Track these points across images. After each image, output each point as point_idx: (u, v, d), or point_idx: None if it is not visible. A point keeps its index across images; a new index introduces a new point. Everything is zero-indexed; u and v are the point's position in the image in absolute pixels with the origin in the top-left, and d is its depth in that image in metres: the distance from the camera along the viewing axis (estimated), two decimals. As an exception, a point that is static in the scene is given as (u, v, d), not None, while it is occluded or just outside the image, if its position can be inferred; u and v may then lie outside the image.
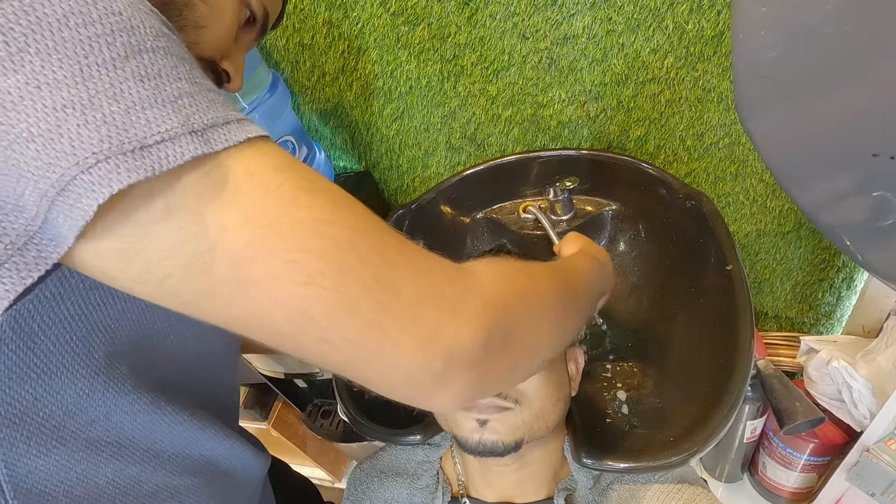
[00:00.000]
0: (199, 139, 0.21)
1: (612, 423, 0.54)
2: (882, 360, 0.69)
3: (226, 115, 0.22)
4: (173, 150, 0.20)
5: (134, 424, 0.32)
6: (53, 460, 0.29)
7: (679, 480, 0.48)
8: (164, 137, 0.20)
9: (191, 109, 0.21)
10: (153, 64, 0.21)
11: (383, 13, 0.68)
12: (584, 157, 0.72)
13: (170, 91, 0.21)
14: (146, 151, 0.19)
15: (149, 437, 0.33)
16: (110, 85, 0.20)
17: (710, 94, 0.68)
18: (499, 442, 0.43)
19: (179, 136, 0.20)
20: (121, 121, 0.19)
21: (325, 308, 0.22)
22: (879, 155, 0.23)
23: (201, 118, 0.21)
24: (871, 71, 0.23)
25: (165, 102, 0.21)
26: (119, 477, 0.32)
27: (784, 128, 0.28)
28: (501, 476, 0.49)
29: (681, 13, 0.62)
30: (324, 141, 0.86)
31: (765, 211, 0.77)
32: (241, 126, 0.23)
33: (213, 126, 0.22)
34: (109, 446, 0.31)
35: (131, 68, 0.20)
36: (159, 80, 0.21)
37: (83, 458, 0.30)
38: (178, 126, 0.21)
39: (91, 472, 0.31)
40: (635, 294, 0.67)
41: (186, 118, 0.21)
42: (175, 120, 0.21)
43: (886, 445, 0.65)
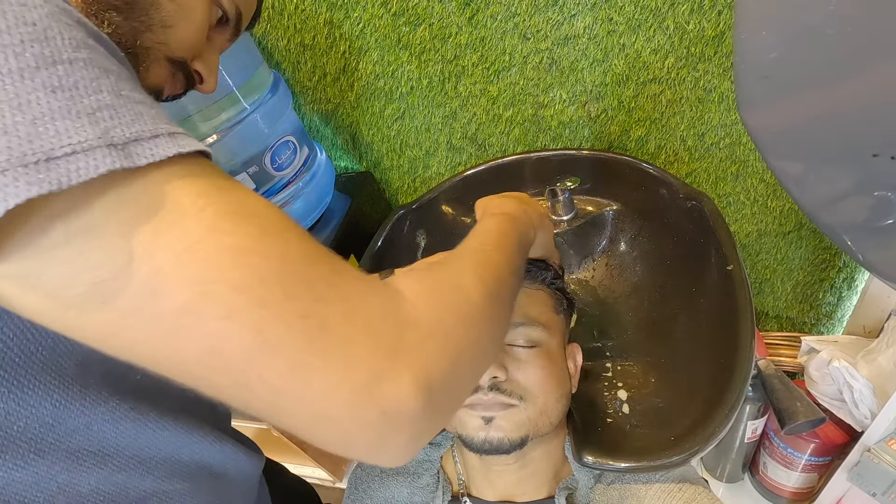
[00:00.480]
0: (118, 152, 0.19)
1: (612, 422, 0.54)
2: (883, 360, 0.69)
3: (154, 128, 0.21)
4: (85, 162, 0.18)
5: (117, 432, 0.31)
6: (32, 472, 0.27)
7: (680, 480, 0.48)
8: (75, 149, 0.18)
9: (111, 122, 0.20)
10: (69, 75, 0.20)
11: (384, 14, 0.68)
12: (585, 158, 0.72)
13: (87, 103, 0.20)
14: (52, 164, 0.18)
15: (133, 445, 0.32)
16: (15, 95, 0.18)
17: (711, 94, 0.68)
18: (504, 439, 0.44)
19: (94, 149, 0.19)
20: (25, 131, 0.18)
21: (242, 348, 0.20)
22: (880, 155, 0.23)
23: (123, 131, 0.20)
24: (871, 72, 0.23)
25: (80, 114, 0.19)
26: (104, 485, 0.31)
27: (785, 128, 0.28)
28: (502, 475, 0.49)
29: (682, 13, 0.62)
30: (325, 141, 0.86)
31: (766, 211, 0.78)
32: (172, 140, 0.21)
33: (136, 140, 0.20)
34: (92, 455, 0.30)
35: (42, 79, 0.19)
36: (75, 91, 0.19)
37: (64, 469, 0.29)
38: (93, 138, 0.19)
39: (73, 481, 0.29)
40: (636, 294, 0.67)
41: (105, 131, 0.19)
42: (90, 132, 0.19)
43: (887, 445, 0.65)
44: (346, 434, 0.21)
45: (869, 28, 0.22)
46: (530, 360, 0.46)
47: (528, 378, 0.45)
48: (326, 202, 0.77)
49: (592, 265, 0.73)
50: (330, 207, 0.78)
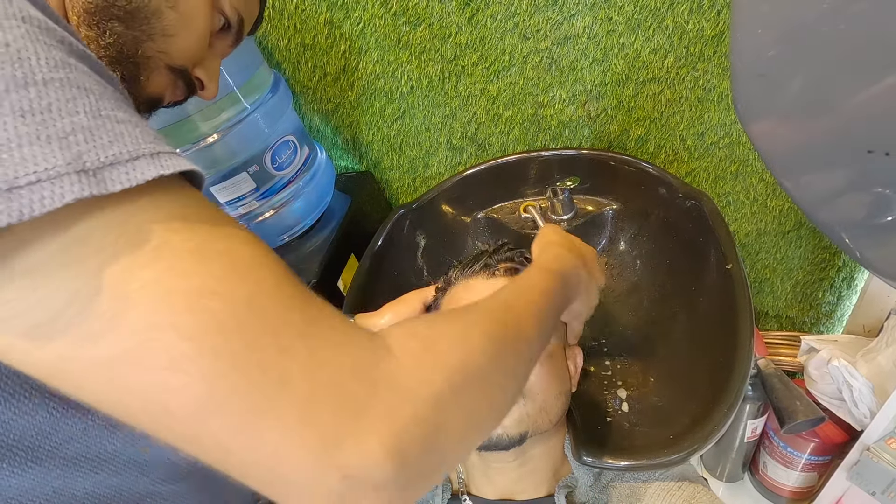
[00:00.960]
0: (88, 179, 0.18)
1: (612, 421, 0.54)
2: (882, 359, 0.69)
3: (135, 149, 0.20)
4: (50, 191, 0.17)
5: (114, 438, 0.30)
6: (28, 478, 0.27)
7: (679, 478, 0.48)
8: (40, 178, 0.17)
9: (85, 146, 0.19)
10: (41, 97, 0.19)
11: (384, 13, 0.68)
12: (585, 157, 0.72)
13: (59, 126, 0.18)
14: (14, 193, 0.17)
15: (129, 449, 0.31)
16: None
17: (711, 93, 0.68)
18: (504, 435, 0.44)
19: (62, 176, 0.18)
20: None
21: (189, 401, 0.18)
22: (874, 151, 0.23)
23: (98, 155, 0.19)
24: (865, 69, 0.23)
25: (51, 139, 0.18)
26: (99, 488, 0.30)
27: (781, 125, 0.28)
28: (502, 473, 0.49)
29: (681, 13, 0.62)
30: (325, 141, 0.86)
31: (765, 210, 0.78)
32: (153, 162, 0.20)
33: (112, 164, 0.19)
34: (88, 461, 0.29)
35: (10, 102, 0.18)
36: (47, 114, 0.18)
37: (60, 475, 0.28)
38: (62, 164, 0.18)
39: (69, 486, 0.29)
40: (636, 293, 0.67)
41: (77, 156, 0.18)
42: (59, 157, 0.18)
43: (887, 444, 0.65)
44: (302, 498, 0.20)
45: (863, 25, 0.23)
46: None
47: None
48: (326, 202, 0.77)
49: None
50: (330, 207, 0.78)
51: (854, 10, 0.22)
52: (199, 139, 0.61)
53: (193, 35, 0.36)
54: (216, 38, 0.40)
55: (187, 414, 0.18)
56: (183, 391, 0.18)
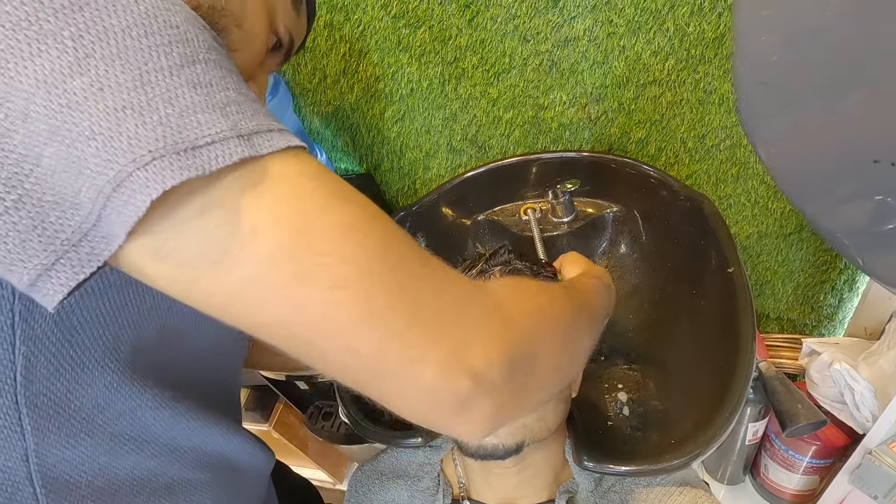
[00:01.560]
0: (245, 143, 0.22)
1: (613, 425, 0.54)
2: (884, 362, 0.69)
3: (269, 124, 0.24)
4: (222, 151, 0.21)
5: (156, 420, 0.33)
6: (80, 452, 0.30)
7: (681, 483, 0.48)
8: (214, 139, 0.21)
9: (238, 116, 0.22)
10: (205, 73, 0.22)
11: (384, 16, 0.68)
12: (586, 160, 0.72)
13: (219, 98, 0.22)
14: (198, 152, 0.21)
15: (168, 433, 0.34)
16: (166, 90, 0.21)
17: (712, 96, 0.68)
18: (499, 445, 0.44)
19: (228, 140, 0.21)
20: (175, 123, 0.21)
21: (352, 313, 0.22)
22: (881, 161, 0.23)
23: (247, 124, 0.22)
24: (871, 76, 0.23)
25: (215, 108, 0.22)
26: (137, 469, 0.33)
27: (785, 132, 0.28)
28: (502, 478, 0.49)
29: (681, 15, 0.62)
30: (325, 143, 0.86)
31: (766, 213, 0.77)
32: (282, 135, 0.24)
33: (257, 132, 0.23)
34: (132, 440, 0.32)
35: (186, 76, 0.22)
36: (210, 88, 0.22)
37: (107, 451, 0.31)
38: (226, 130, 0.22)
39: (113, 463, 0.32)
40: (637, 296, 0.67)
41: (234, 123, 0.22)
42: (224, 124, 0.22)
43: (889, 448, 0.65)
44: (435, 399, 0.23)
45: (867, 32, 0.22)
46: None
47: None
48: (327, 204, 0.77)
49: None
50: (330, 209, 0.78)
51: (858, 17, 0.22)
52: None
53: (252, 52, 0.38)
54: (268, 56, 0.42)
55: (351, 324, 0.22)
56: (348, 305, 0.21)
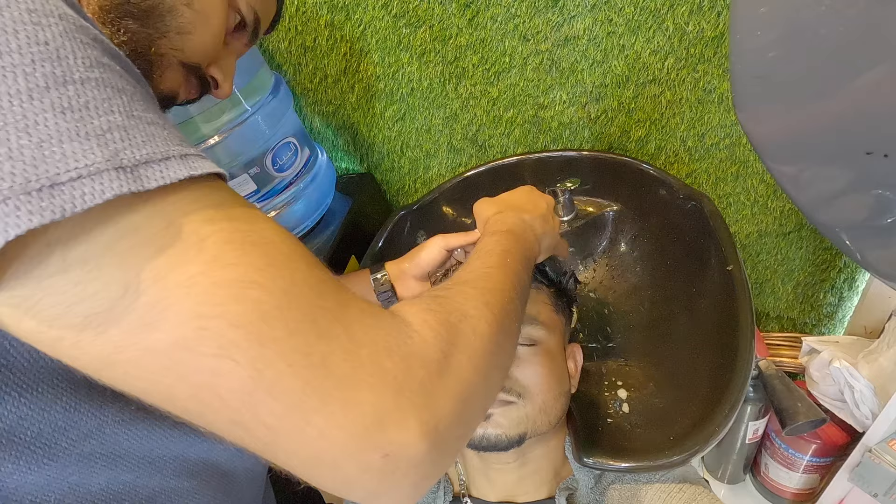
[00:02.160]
0: (126, 176, 0.18)
1: (613, 422, 0.54)
2: (884, 360, 0.69)
3: (166, 150, 0.20)
4: (91, 188, 0.18)
5: (127, 434, 0.31)
6: (44, 475, 0.27)
7: (680, 480, 0.48)
8: (81, 174, 0.18)
9: (121, 144, 0.19)
10: (80, 95, 0.19)
11: (385, 15, 0.69)
12: (586, 158, 0.72)
13: (97, 124, 0.19)
14: (56, 190, 0.17)
15: (144, 445, 0.32)
16: (22, 116, 0.17)
17: (711, 95, 0.68)
18: (502, 436, 0.44)
19: (102, 172, 0.18)
20: (30, 156, 0.17)
21: (237, 386, 0.19)
22: (873, 153, 0.23)
23: (133, 153, 0.19)
24: (863, 70, 0.23)
25: (90, 136, 0.18)
26: (113, 484, 0.31)
27: (781, 126, 0.28)
28: (502, 474, 0.49)
29: (681, 15, 0.62)
30: (326, 143, 0.86)
31: (766, 211, 0.78)
32: (183, 163, 0.20)
33: (146, 162, 0.19)
34: (104, 457, 0.30)
35: (51, 99, 0.18)
36: (85, 112, 0.19)
37: (75, 471, 0.29)
38: (101, 161, 0.18)
39: (84, 482, 0.29)
40: (636, 294, 0.67)
41: (114, 153, 0.19)
42: (99, 154, 0.18)
43: (889, 446, 0.65)
44: (345, 477, 0.20)
45: (860, 27, 0.23)
46: (529, 358, 0.46)
47: (527, 376, 0.45)
48: (327, 203, 0.78)
49: (593, 266, 0.73)
50: (331, 208, 0.78)
51: (851, 12, 0.22)
52: (200, 141, 0.62)
53: (209, 33, 0.36)
54: (231, 37, 0.39)
55: (236, 398, 0.19)
56: (232, 376, 0.19)
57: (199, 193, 0.21)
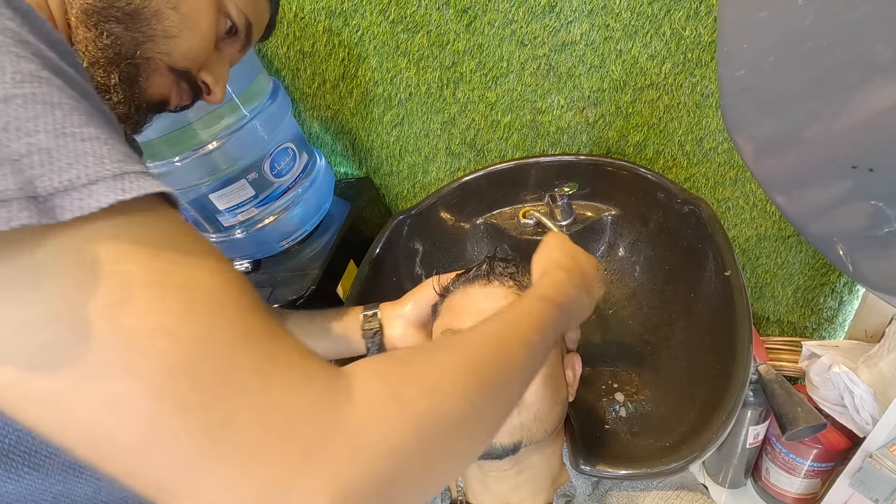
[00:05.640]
0: (37, 206, 0.17)
1: (610, 429, 0.54)
2: (884, 365, 0.68)
3: (97, 171, 0.19)
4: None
5: None
6: (26, 484, 0.26)
7: (678, 487, 0.48)
8: None
9: (39, 169, 0.18)
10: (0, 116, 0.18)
11: (383, 21, 0.69)
12: (584, 163, 0.72)
13: (14, 148, 0.18)
14: None
15: None
16: None
17: (709, 99, 0.68)
18: (497, 444, 0.43)
19: (10, 201, 0.17)
20: None
21: (129, 438, 0.18)
22: (858, 167, 0.23)
23: (52, 179, 0.18)
24: (845, 85, 0.23)
25: (4, 161, 0.17)
26: (100, 494, 0.30)
27: (768, 139, 0.28)
28: (499, 481, 0.49)
29: (678, 20, 0.62)
30: (324, 147, 0.86)
31: (765, 215, 0.77)
32: (116, 183, 0.19)
33: (67, 189, 0.18)
34: (89, 467, 0.29)
35: None
36: (3, 134, 0.18)
37: (60, 480, 0.28)
38: (13, 188, 0.17)
39: (69, 491, 0.28)
40: (634, 299, 0.67)
41: (28, 180, 0.17)
42: (10, 181, 0.17)
43: (889, 451, 0.65)
44: None
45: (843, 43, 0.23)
46: None
47: None
48: (326, 208, 0.78)
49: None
50: (329, 213, 0.79)
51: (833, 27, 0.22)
52: (198, 146, 0.62)
53: (196, 37, 0.35)
54: (224, 43, 0.39)
55: (128, 450, 0.18)
56: (125, 428, 0.18)
57: (129, 223, 0.19)
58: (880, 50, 0.20)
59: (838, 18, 0.21)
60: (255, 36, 0.42)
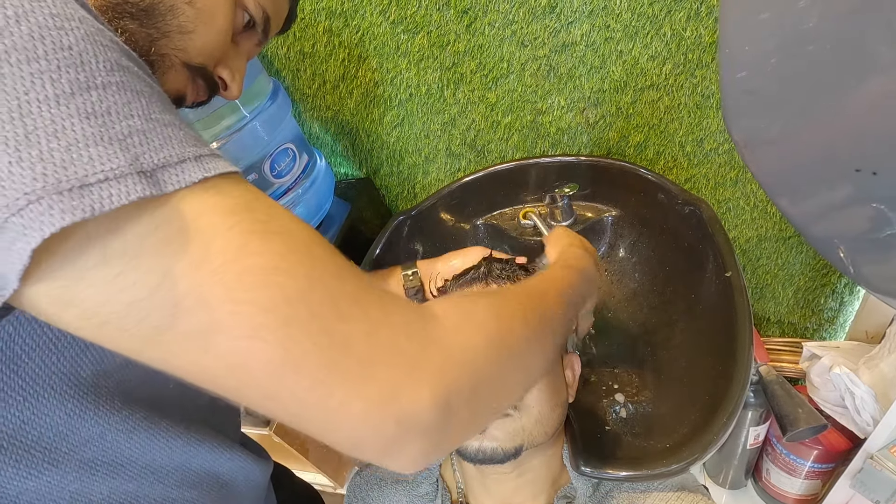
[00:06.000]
0: (147, 180, 0.20)
1: (610, 430, 0.54)
2: (885, 366, 0.68)
3: (182, 152, 0.22)
4: (117, 190, 0.19)
5: (130, 443, 0.31)
6: (45, 481, 0.28)
7: (678, 488, 0.48)
8: (107, 176, 0.19)
9: (141, 148, 0.20)
10: (102, 101, 0.20)
11: (383, 22, 0.69)
12: (584, 164, 0.72)
13: (119, 129, 0.20)
14: (86, 191, 0.18)
15: (146, 455, 0.32)
16: (51, 122, 0.19)
17: (709, 100, 0.68)
18: (498, 448, 0.43)
19: (125, 176, 0.19)
20: (59, 158, 0.18)
21: (268, 365, 0.20)
22: (862, 170, 0.23)
23: (152, 157, 0.20)
24: (848, 88, 0.23)
25: (113, 140, 0.20)
26: (115, 493, 0.31)
27: (770, 142, 0.28)
28: (499, 483, 0.49)
29: (678, 20, 0.62)
30: (325, 148, 0.86)
31: (765, 216, 0.77)
32: (199, 164, 0.22)
33: (164, 166, 0.21)
34: (105, 465, 0.30)
35: (76, 105, 0.19)
36: (108, 117, 0.20)
37: (77, 478, 0.29)
38: (124, 165, 0.19)
39: (86, 490, 0.30)
40: (635, 300, 0.67)
41: (135, 157, 0.20)
42: (122, 159, 0.20)
43: (890, 452, 0.64)
44: (360, 440, 0.22)
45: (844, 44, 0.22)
46: None
47: None
48: (326, 208, 0.78)
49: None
50: (329, 213, 0.78)
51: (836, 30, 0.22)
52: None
53: (213, 32, 0.35)
54: (241, 37, 0.38)
55: (267, 375, 0.21)
56: (263, 356, 0.20)
57: (216, 190, 0.22)
58: (883, 51, 0.20)
59: (841, 20, 0.21)
60: (274, 29, 0.41)
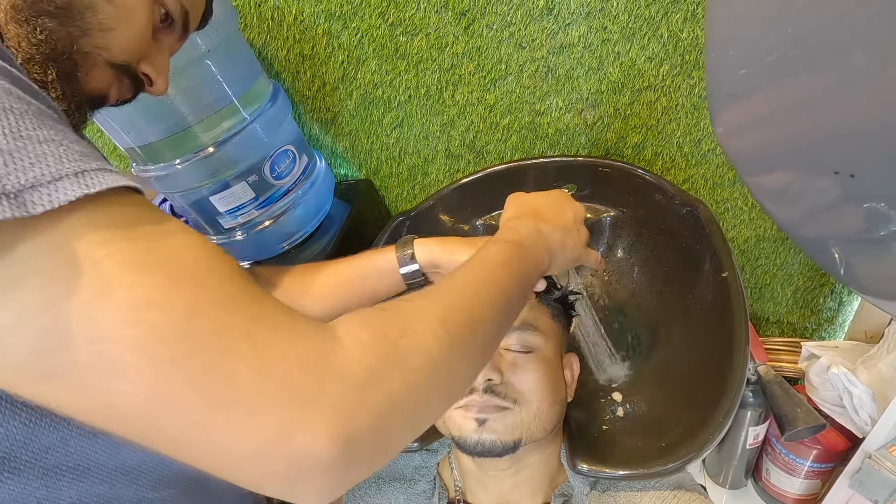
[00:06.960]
0: (9, 202, 0.18)
1: (608, 429, 0.54)
2: (883, 365, 0.68)
3: (58, 169, 0.20)
4: None
5: (95, 446, 0.30)
6: (8, 489, 0.27)
7: (675, 487, 0.48)
8: None
9: (4, 169, 0.19)
10: None
11: (382, 24, 0.69)
12: (582, 165, 0.73)
13: None
14: None
15: (114, 457, 0.31)
16: None
17: (706, 101, 0.68)
18: (497, 441, 0.44)
19: None
20: None
21: (141, 406, 0.19)
22: (840, 173, 0.23)
23: (18, 178, 0.19)
24: (828, 92, 0.23)
25: None
26: (86, 497, 0.30)
27: (754, 144, 0.28)
28: (498, 480, 0.49)
29: (675, 22, 0.62)
30: (324, 150, 0.87)
31: (764, 216, 0.78)
32: (79, 180, 0.20)
33: (34, 186, 0.19)
34: (71, 470, 0.29)
35: None
36: None
37: (42, 485, 0.28)
38: None
39: (53, 495, 0.29)
40: (633, 300, 0.67)
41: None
42: None
43: (888, 452, 0.65)
44: (253, 481, 0.21)
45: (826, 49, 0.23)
46: (525, 365, 0.46)
47: (523, 382, 0.45)
48: (326, 209, 0.78)
49: (590, 272, 0.73)
50: (329, 214, 0.79)
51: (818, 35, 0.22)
52: (199, 149, 0.62)
53: (133, 29, 0.34)
54: (161, 33, 0.38)
55: (142, 416, 0.20)
56: (131, 397, 0.19)
57: (96, 213, 0.20)
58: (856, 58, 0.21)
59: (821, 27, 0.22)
60: (192, 25, 0.40)
